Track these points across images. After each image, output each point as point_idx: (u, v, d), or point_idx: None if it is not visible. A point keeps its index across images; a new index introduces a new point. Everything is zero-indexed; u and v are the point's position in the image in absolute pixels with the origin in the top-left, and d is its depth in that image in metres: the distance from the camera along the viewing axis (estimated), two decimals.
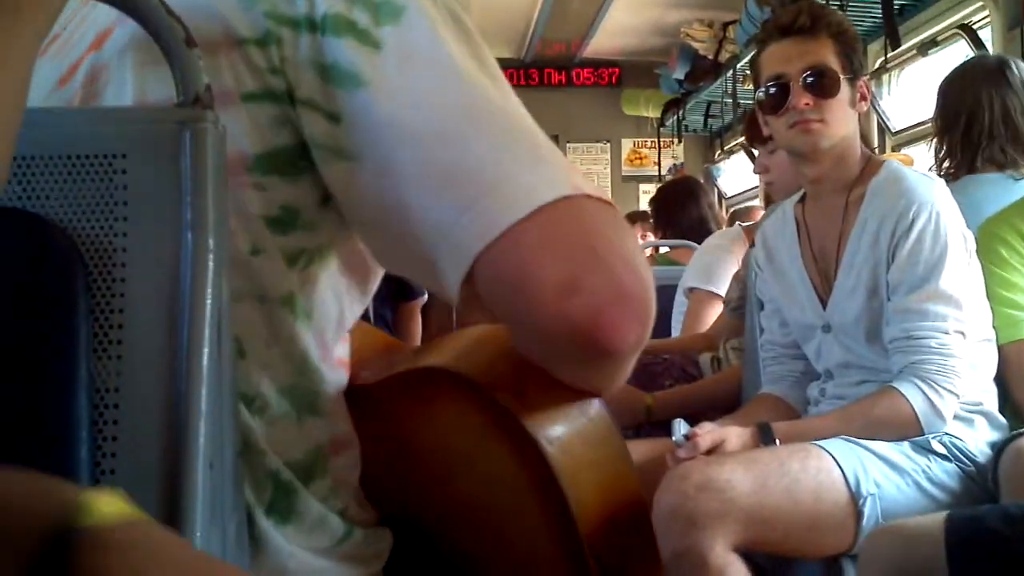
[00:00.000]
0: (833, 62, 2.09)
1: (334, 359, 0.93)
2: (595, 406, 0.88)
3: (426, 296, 3.40)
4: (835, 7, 4.22)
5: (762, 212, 5.11)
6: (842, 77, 2.09)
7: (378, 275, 0.99)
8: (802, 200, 2.27)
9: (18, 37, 0.70)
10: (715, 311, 3.18)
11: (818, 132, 2.08)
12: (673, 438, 2.50)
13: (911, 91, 4.79)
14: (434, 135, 0.80)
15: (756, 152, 3.22)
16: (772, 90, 2.12)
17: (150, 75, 0.84)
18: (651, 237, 4.98)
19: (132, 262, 0.76)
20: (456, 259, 0.78)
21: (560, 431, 0.85)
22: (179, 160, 0.76)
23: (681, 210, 4.30)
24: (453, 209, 0.78)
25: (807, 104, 2.07)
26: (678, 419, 2.82)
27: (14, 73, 0.69)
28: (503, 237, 0.76)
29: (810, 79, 2.08)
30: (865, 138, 2.26)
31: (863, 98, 2.16)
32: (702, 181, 5.44)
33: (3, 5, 0.69)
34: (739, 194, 7.19)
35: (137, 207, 0.77)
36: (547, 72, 8.09)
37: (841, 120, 2.10)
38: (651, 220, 5.21)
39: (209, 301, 0.75)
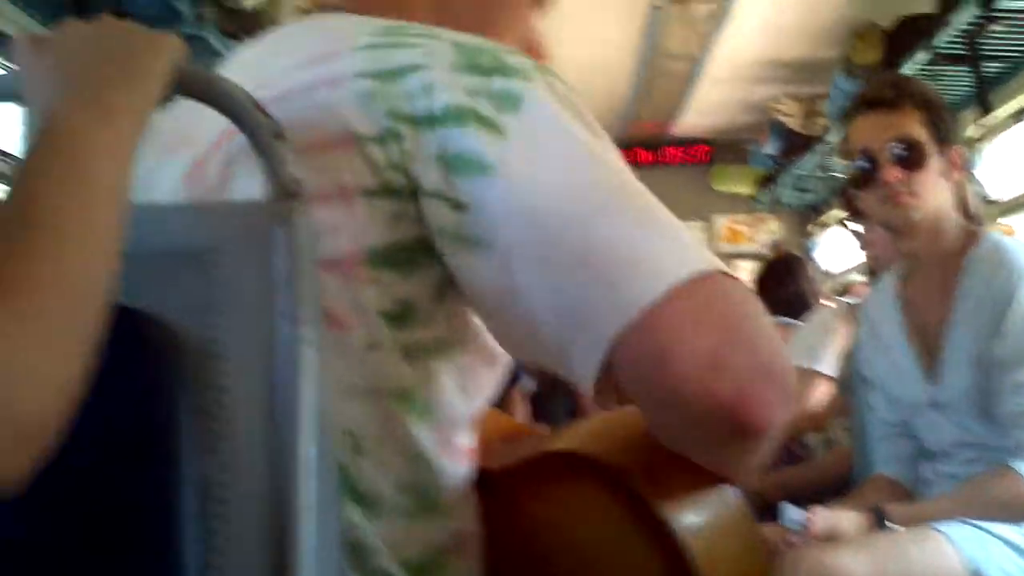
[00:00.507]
0: (921, 133, 2.05)
1: (457, 450, 0.92)
2: (733, 494, 0.86)
3: (530, 383, 3.38)
4: (925, 77, 4.18)
5: (862, 287, 5.04)
6: (931, 148, 2.05)
7: (503, 364, 0.98)
8: (903, 274, 2.22)
9: (119, 134, 0.72)
10: (820, 390, 3.11)
11: (909, 205, 2.04)
12: (784, 523, 2.43)
13: (1008, 160, 4.69)
14: (564, 217, 0.80)
15: (852, 226, 3.17)
16: (861, 164, 2.09)
17: None
18: None
19: (231, 357, 0.77)
20: (593, 343, 0.77)
21: (697, 519, 0.83)
22: (272, 254, 0.77)
23: (780, 286, 4.25)
24: (588, 291, 0.78)
25: (896, 177, 2.03)
26: (786, 503, 2.75)
27: (118, 166, 0.71)
28: (642, 317, 0.75)
29: (898, 152, 2.04)
30: (964, 209, 2.21)
31: (956, 168, 2.11)
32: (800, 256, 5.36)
33: (99, 110, 0.72)
34: (840, 270, 7.06)
35: (233, 302, 0.78)
36: (637, 151, 8.10)
37: (932, 192, 2.05)
38: None
39: (309, 394, 0.75)
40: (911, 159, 2.04)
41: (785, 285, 4.23)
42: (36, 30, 3.18)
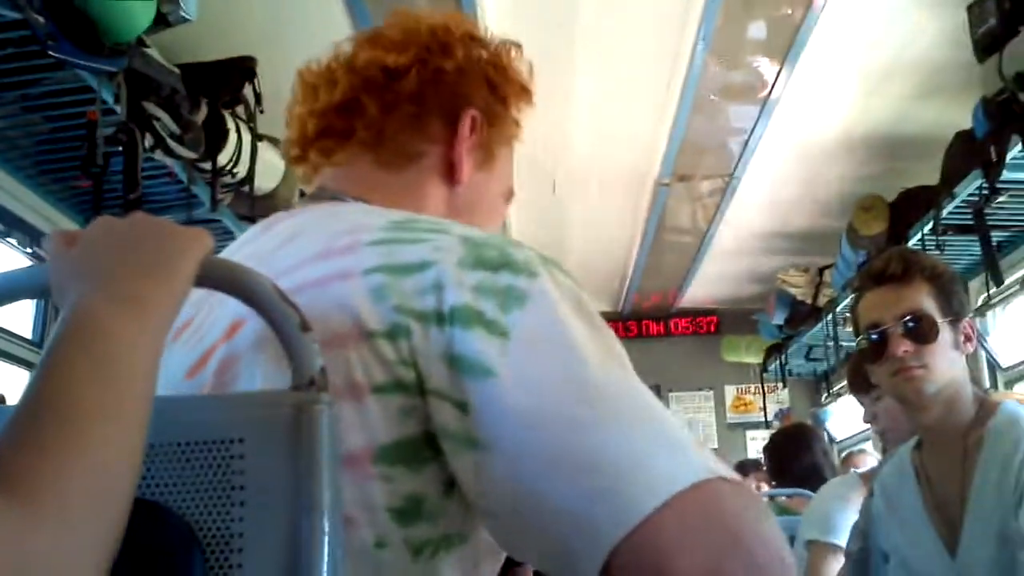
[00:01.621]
0: (930, 306, 2.06)
1: None
2: None
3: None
4: (931, 247, 4.23)
5: (869, 457, 4.99)
6: (941, 320, 2.05)
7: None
8: (919, 446, 2.20)
9: (145, 327, 0.73)
10: (836, 564, 3.03)
11: (921, 378, 2.03)
12: None
13: (1018, 327, 4.70)
14: (565, 422, 0.80)
15: (861, 399, 3.16)
16: (871, 339, 2.10)
17: (284, 369, 0.86)
18: (764, 487, 4.85)
19: (249, 547, 0.76)
20: (592, 550, 0.76)
21: None
22: (295, 444, 0.77)
23: (794, 458, 4.20)
24: (587, 498, 0.77)
25: (907, 351, 2.03)
26: None
27: (143, 360, 0.71)
28: (641, 526, 0.75)
29: (908, 325, 2.04)
30: (975, 379, 2.20)
31: (968, 339, 2.10)
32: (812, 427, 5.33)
33: (127, 305, 0.73)
34: (849, 438, 7.01)
35: (254, 492, 0.77)
36: (645, 323, 8.16)
37: (944, 365, 2.04)
38: (763, 469, 5.09)
39: None
40: (921, 332, 2.04)
41: (800, 456, 4.19)
42: (65, 223, 3.26)
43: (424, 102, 1.14)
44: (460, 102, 1.17)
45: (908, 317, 2.05)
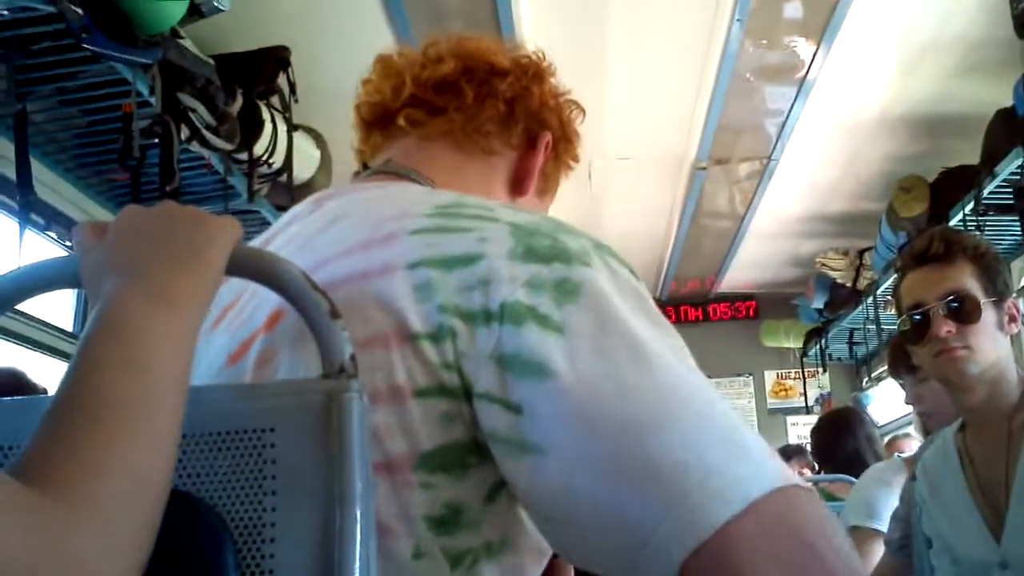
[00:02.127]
0: (973, 286, 2.04)
1: None
2: None
3: None
4: (972, 227, 4.18)
5: (912, 441, 4.93)
6: (984, 300, 2.03)
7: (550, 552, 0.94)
8: (962, 429, 2.17)
9: (176, 321, 0.72)
10: (880, 549, 3.01)
11: (964, 359, 2.01)
12: None
13: None
14: (629, 424, 0.76)
15: (903, 382, 3.13)
16: (914, 319, 2.08)
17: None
18: (807, 473, 4.81)
19: (281, 537, 0.76)
20: (660, 563, 0.73)
21: None
22: (326, 433, 0.76)
23: (836, 443, 4.17)
24: (657, 506, 0.73)
25: (950, 332, 2.01)
26: None
27: (176, 356, 0.71)
28: (716, 536, 0.71)
29: (951, 306, 2.03)
30: (1020, 360, 2.17)
31: (1012, 319, 2.09)
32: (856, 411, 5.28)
33: (159, 298, 0.72)
34: (891, 422, 6.95)
35: (285, 480, 0.77)
36: (683, 309, 8.12)
37: (989, 345, 2.03)
38: (806, 455, 5.05)
39: (357, 574, 0.74)
40: (964, 312, 2.02)
41: (841, 442, 4.15)
42: (103, 216, 3.29)
43: (514, 107, 1.18)
44: (542, 122, 1.21)
45: (951, 297, 2.03)
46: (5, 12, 2.30)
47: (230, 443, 0.78)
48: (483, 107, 1.16)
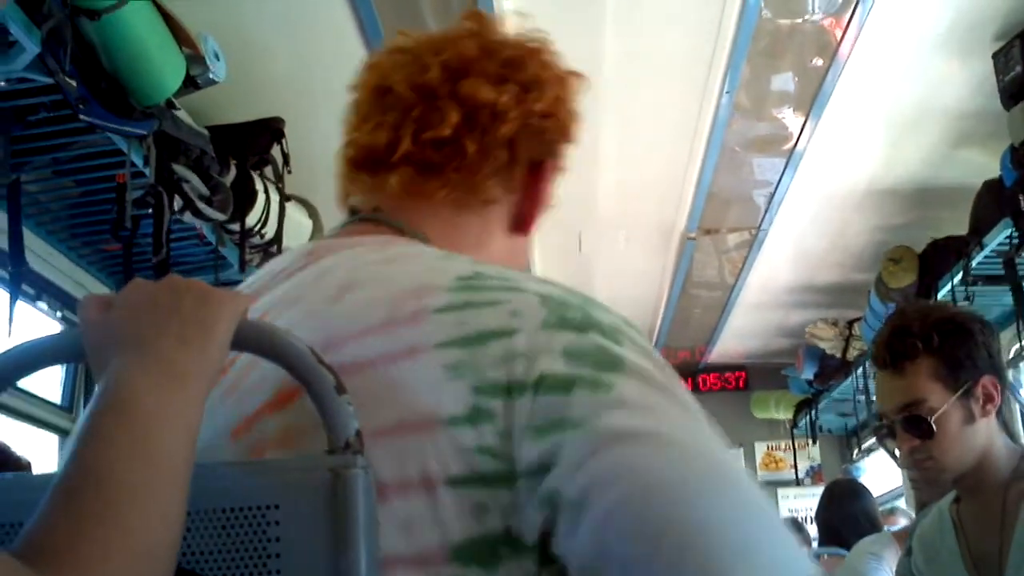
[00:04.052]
0: (931, 389, 1.94)
1: None
2: None
3: None
4: (961, 298, 4.19)
5: (903, 517, 4.92)
6: (946, 404, 1.93)
7: None
8: (957, 500, 2.15)
9: (182, 399, 0.72)
10: None
11: (933, 469, 1.96)
12: None
13: None
14: (670, 490, 0.75)
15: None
16: (882, 426, 2.04)
17: None
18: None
19: None
20: None
21: None
22: (331, 509, 0.75)
23: (833, 515, 4.19)
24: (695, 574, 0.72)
25: (912, 445, 1.95)
26: None
27: (181, 434, 0.70)
28: None
29: (908, 419, 1.95)
30: (1011, 432, 2.11)
31: (988, 400, 1.97)
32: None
33: (164, 374, 0.72)
34: (881, 495, 6.91)
35: (289, 559, 0.76)
36: None
37: (955, 450, 1.94)
38: (805, 532, 5.04)
39: None
40: (920, 428, 1.94)
41: (841, 514, 4.17)
42: (94, 286, 3.28)
43: (516, 150, 1.07)
44: (544, 151, 1.11)
45: (906, 411, 1.96)
46: (2, 83, 2.31)
47: (233, 520, 0.76)
48: (485, 160, 1.06)
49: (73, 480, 0.64)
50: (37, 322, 3.23)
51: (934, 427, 1.93)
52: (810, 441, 7.83)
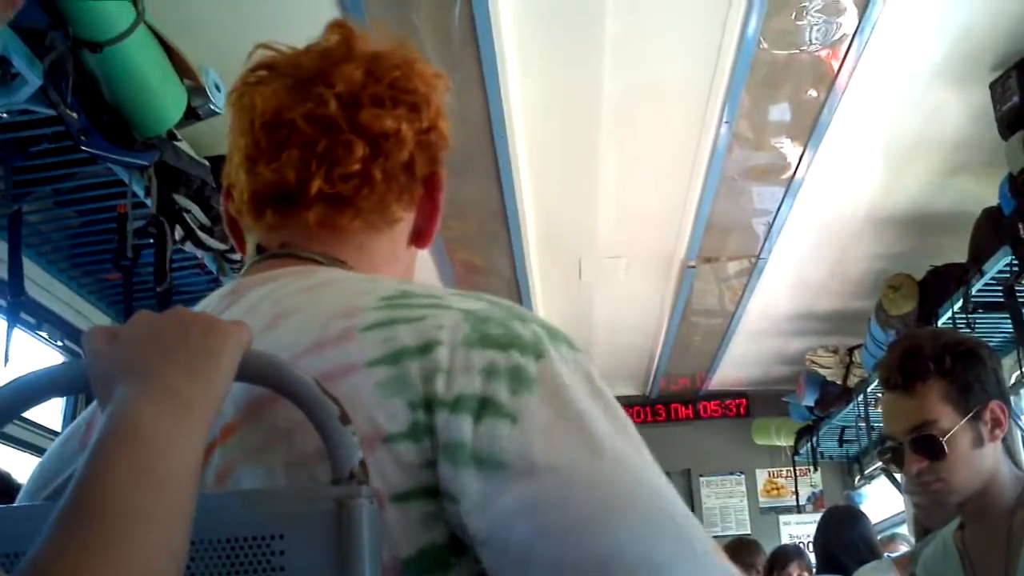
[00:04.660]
0: (942, 412, 1.94)
1: None
2: None
3: None
4: (962, 325, 4.19)
5: (903, 545, 4.91)
6: (956, 426, 1.93)
7: None
8: (961, 527, 2.14)
9: (187, 428, 0.72)
10: None
11: (940, 492, 1.95)
12: None
13: None
14: (577, 521, 0.75)
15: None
16: (889, 448, 2.03)
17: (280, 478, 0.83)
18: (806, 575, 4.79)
19: None
20: None
21: None
22: (336, 540, 0.75)
23: (831, 541, 4.18)
24: None
25: (920, 467, 1.94)
26: None
27: (186, 463, 0.71)
28: None
29: (917, 441, 1.95)
30: (1015, 460, 2.12)
31: (997, 424, 1.98)
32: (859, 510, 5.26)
33: (170, 402, 0.72)
34: (882, 521, 6.89)
35: None
36: (673, 407, 8.08)
37: (964, 473, 1.95)
38: (806, 558, 5.02)
39: None
40: (932, 450, 1.94)
41: (838, 540, 4.15)
42: (96, 316, 3.28)
43: (413, 170, 1.08)
44: (434, 163, 1.12)
45: (916, 433, 1.96)
46: (4, 115, 2.32)
47: (238, 550, 0.76)
48: (389, 186, 1.06)
49: (76, 506, 0.64)
50: (38, 352, 3.24)
51: (945, 448, 1.92)
52: (811, 468, 7.82)
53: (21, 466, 3.07)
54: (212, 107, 2.62)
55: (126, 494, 0.66)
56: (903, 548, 4.65)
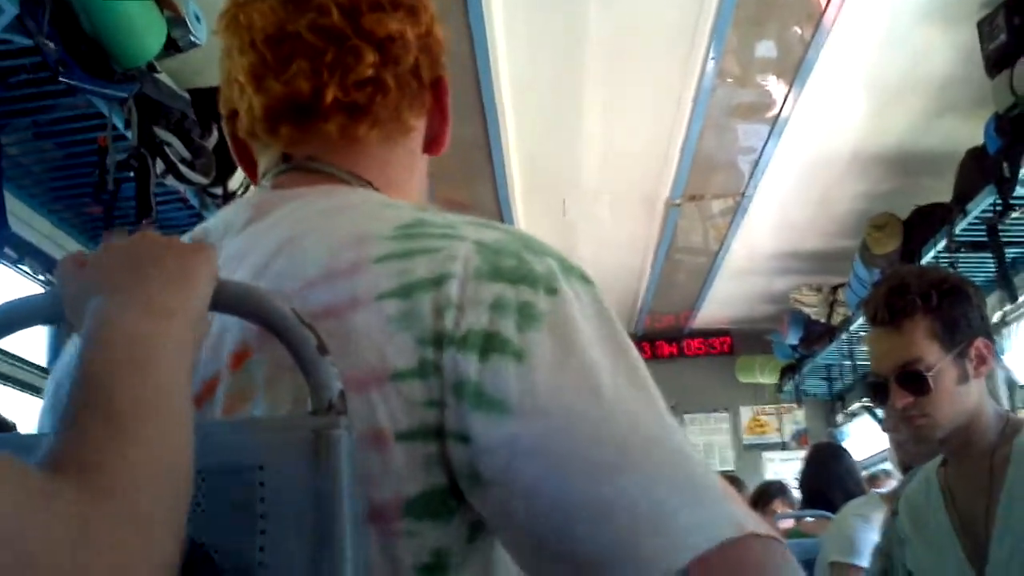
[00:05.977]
0: (928, 348, 1.96)
1: None
2: None
3: None
4: (945, 264, 4.21)
5: (893, 480, 4.96)
6: (941, 362, 1.95)
7: None
8: (944, 463, 2.16)
9: (171, 328, 0.71)
10: None
11: (925, 427, 1.97)
12: None
13: None
14: (583, 466, 0.75)
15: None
16: (874, 384, 2.05)
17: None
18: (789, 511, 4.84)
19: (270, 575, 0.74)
20: None
21: None
22: (315, 470, 0.75)
23: (819, 475, 4.23)
24: (610, 548, 0.73)
25: (906, 402, 1.96)
26: None
27: (175, 359, 0.70)
28: None
29: (903, 377, 1.97)
30: (994, 396, 2.13)
31: (981, 361, 2.00)
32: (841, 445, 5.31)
33: (150, 310, 0.71)
34: (866, 459, 6.96)
35: (275, 520, 0.75)
36: (658, 344, 8.12)
37: (949, 408, 1.97)
38: (790, 495, 5.07)
39: None
40: (917, 385, 1.96)
41: (820, 477, 4.20)
42: (76, 249, 3.26)
43: (420, 76, 1.06)
44: (438, 67, 1.10)
45: (902, 369, 1.97)
46: None
47: (218, 481, 0.76)
48: (402, 92, 1.04)
49: (78, 405, 0.63)
50: (20, 286, 3.22)
51: (931, 383, 1.95)
52: (795, 405, 7.89)
53: (7, 401, 3.07)
54: (192, 39, 2.58)
55: (126, 387, 0.64)
56: (893, 484, 4.69)
